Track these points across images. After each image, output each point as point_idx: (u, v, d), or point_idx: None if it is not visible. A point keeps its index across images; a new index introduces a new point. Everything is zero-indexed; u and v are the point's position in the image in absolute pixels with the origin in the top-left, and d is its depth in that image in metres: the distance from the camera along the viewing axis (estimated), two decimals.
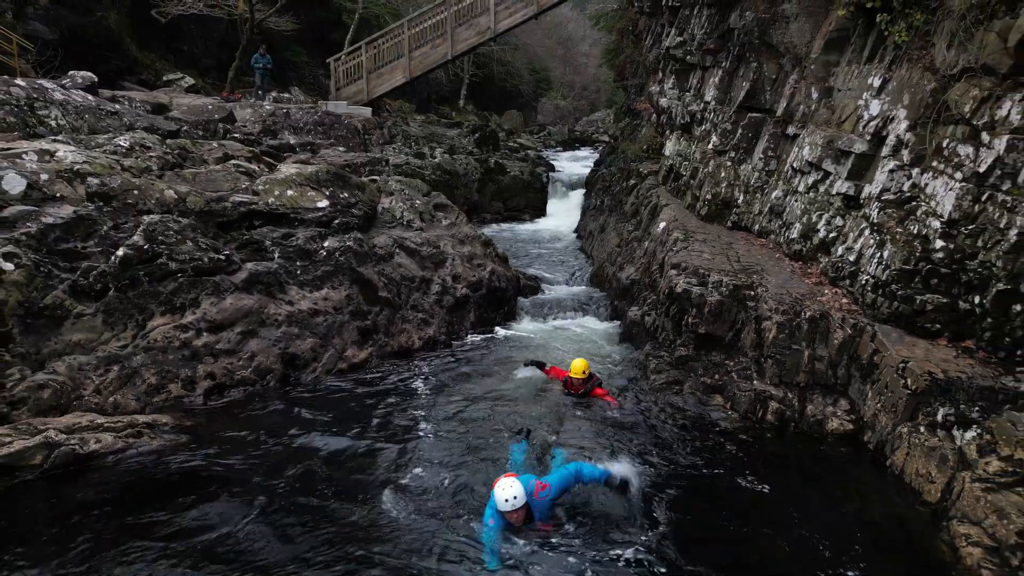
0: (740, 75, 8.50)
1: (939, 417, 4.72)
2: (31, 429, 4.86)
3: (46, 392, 5.34)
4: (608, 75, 28.30)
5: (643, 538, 4.14)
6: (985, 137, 5.30)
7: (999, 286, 5.01)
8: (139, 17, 20.03)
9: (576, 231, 16.09)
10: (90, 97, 13.32)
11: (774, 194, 7.79)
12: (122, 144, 7.81)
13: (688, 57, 9.56)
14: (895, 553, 4.15)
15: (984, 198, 5.23)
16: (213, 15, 18.94)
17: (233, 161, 7.97)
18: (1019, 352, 4.99)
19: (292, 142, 16.01)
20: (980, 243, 5.19)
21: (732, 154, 8.53)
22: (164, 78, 18.34)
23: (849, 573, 3.86)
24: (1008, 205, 5.06)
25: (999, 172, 5.14)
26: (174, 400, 5.90)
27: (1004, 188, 5.13)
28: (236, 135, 14.72)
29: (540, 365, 6.70)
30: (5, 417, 5.13)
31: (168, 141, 8.70)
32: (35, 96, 12.06)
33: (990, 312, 5.09)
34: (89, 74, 14.06)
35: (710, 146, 8.97)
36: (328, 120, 17.00)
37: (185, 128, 14.31)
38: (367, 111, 17.92)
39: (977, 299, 5.21)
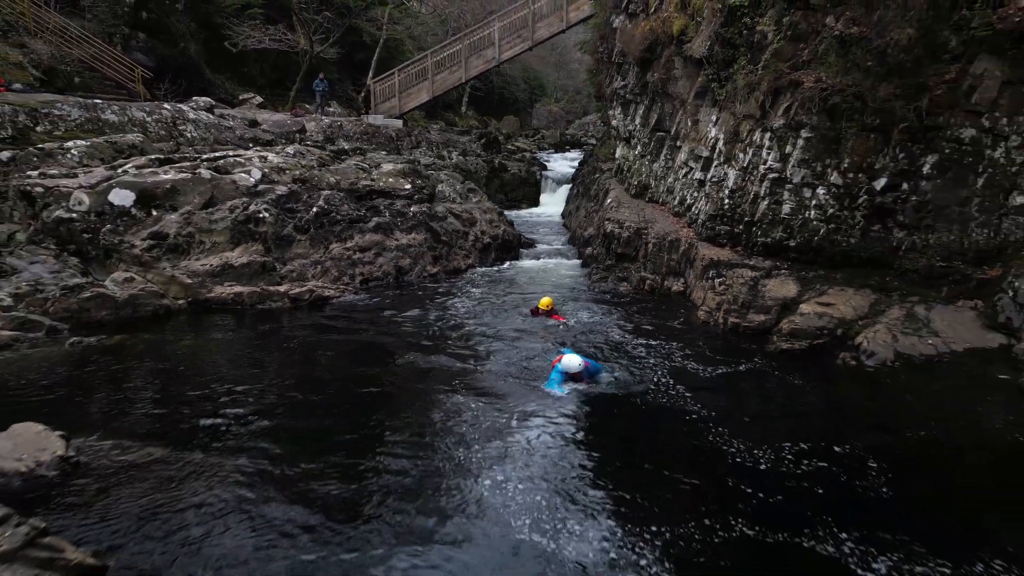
0: (653, 110, 14.90)
1: (711, 275, 11.07)
2: (299, 284, 11.20)
3: (293, 274, 11.65)
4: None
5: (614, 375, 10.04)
6: (748, 149, 11.66)
7: (746, 219, 11.36)
8: (212, 47, 26.47)
9: (562, 215, 22.49)
10: (211, 116, 19.58)
11: (669, 180, 14.18)
12: (289, 152, 14.14)
13: (627, 95, 15.97)
14: (686, 324, 10.50)
15: (745, 179, 11.60)
16: (270, 46, 25.32)
17: (352, 161, 14.32)
18: (753, 249, 11.32)
19: (346, 147, 22.27)
20: (742, 200, 11.55)
21: (649, 157, 14.93)
22: (240, 97, 24.65)
23: (663, 333, 10.12)
24: (753, 181, 11.42)
25: (751, 166, 11.50)
26: (346, 284, 12.21)
27: (753, 174, 11.48)
28: (308, 142, 21.06)
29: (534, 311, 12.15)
30: (279, 283, 11.43)
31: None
32: (176, 115, 18.37)
33: (744, 233, 11.43)
34: (208, 99, 20.36)
35: (637, 152, 15.37)
36: (371, 130, 23.37)
37: (272, 137, 20.61)
38: (399, 123, 24.27)
39: (740, 227, 11.55)
